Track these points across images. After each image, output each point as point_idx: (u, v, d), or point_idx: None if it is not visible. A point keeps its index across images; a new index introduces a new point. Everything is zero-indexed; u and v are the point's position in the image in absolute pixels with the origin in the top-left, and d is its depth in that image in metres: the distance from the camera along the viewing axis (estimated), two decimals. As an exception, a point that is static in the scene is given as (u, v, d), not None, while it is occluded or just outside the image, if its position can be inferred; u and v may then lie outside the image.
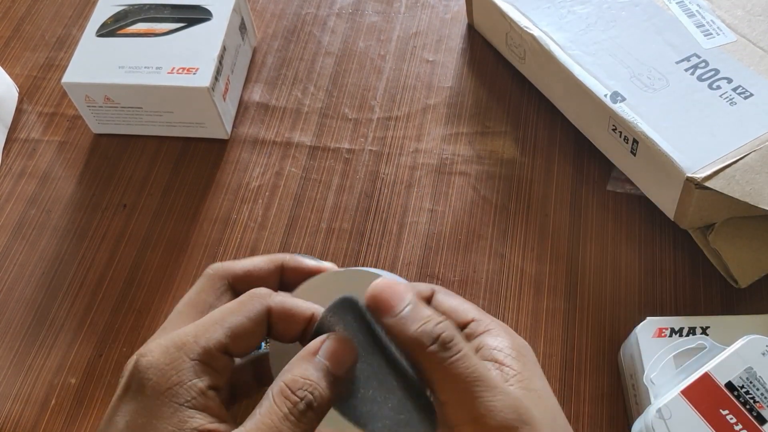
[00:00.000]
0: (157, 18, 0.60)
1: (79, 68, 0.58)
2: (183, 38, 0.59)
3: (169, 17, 0.60)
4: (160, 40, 0.59)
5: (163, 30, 0.59)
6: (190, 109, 0.58)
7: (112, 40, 0.59)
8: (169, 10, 0.61)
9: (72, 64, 0.58)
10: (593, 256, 0.54)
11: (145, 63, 0.57)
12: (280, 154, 0.60)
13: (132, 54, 0.58)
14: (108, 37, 0.59)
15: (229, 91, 0.60)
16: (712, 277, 0.52)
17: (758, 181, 0.46)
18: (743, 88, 0.51)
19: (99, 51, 0.58)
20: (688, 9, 0.56)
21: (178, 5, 0.61)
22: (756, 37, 0.54)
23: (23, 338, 0.52)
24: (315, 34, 0.67)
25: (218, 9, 0.60)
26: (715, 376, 0.42)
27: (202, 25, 0.59)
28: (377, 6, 0.68)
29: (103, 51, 0.58)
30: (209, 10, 0.60)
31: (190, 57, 0.57)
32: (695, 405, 0.41)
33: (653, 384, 0.44)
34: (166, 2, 0.61)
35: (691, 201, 0.47)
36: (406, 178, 0.58)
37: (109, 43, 0.59)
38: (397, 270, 0.53)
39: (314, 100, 0.63)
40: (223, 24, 0.59)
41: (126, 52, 0.58)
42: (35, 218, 0.57)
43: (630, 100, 0.51)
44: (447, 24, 0.67)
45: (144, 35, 0.59)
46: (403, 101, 0.62)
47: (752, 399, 0.41)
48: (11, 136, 0.61)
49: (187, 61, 0.57)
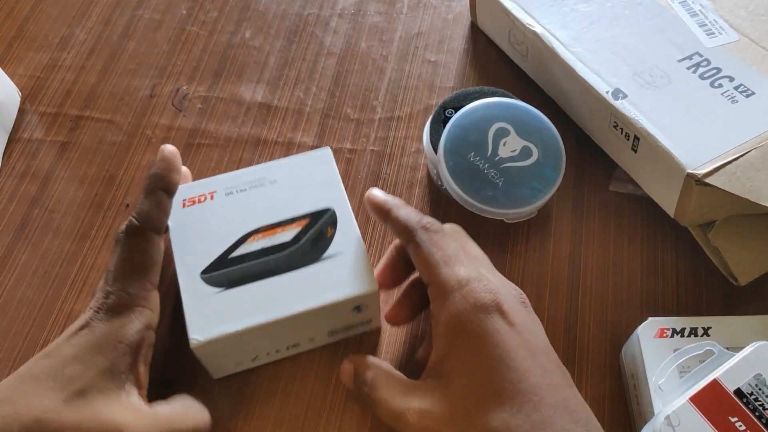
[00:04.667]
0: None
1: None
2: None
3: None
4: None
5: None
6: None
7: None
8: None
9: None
10: (595, 257, 0.54)
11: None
12: (282, 155, 0.60)
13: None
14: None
15: None
16: (714, 278, 0.52)
17: (759, 178, 0.45)
18: (745, 87, 0.50)
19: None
20: (690, 8, 0.56)
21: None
22: (758, 37, 0.53)
23: (25, 339, 0.52)
24: (317, 34, 0.67)
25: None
26: (723, 383, 0.42)
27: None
28: (379, 6, 0.68)
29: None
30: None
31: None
32: (704, 412, 0.41)
33: (661, 390, 0.44)
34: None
35: (692, 198, 0.47)
36: (408, 179, 0.58)
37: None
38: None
39: (316, 100, 0.63)
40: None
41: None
42: (38, 218, 0.57)
43: (632, 97, 0.51)
44: (449, 24, 0.67)
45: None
46: (405, 101, 0.62)
47: (761, 406, 0.41)
48: (14, 137, 0.61)
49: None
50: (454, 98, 0.55)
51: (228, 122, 0.62)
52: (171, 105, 0.63)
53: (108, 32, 0.68)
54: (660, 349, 0.45)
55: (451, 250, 0.42)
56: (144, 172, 0.59)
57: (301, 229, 0.46)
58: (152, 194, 0.45)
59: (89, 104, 0.63)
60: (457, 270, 0.41)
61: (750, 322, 0.46)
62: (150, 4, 0.70)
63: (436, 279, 0.41)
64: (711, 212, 0.48)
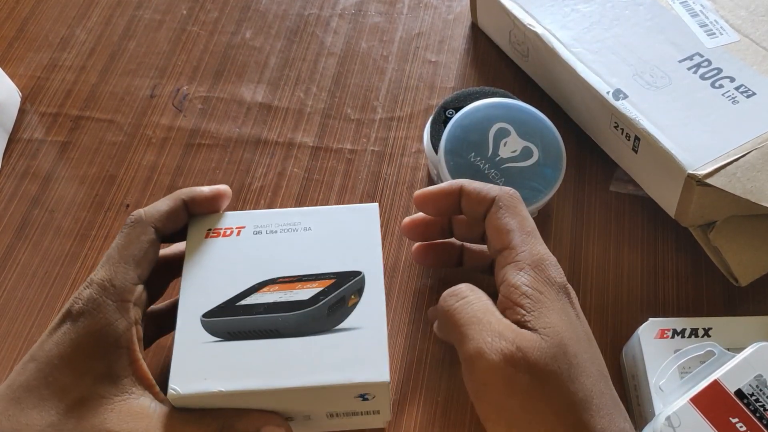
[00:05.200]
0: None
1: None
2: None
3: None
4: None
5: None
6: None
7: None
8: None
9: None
10: (595, 257, 0.54)
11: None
12: (283, 155, 0.60)
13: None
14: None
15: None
16: (715, 278, 0.52)
17: (760, 178, 0.45)
18: (746, 87, 0.50)
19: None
20: (691, 9, 0.56)
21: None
22: (759, 37, 0.53)
23: (25, 339, 0.52)
24: (318, 34, 0.67)
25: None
26: (724, 384, 0.42)
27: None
28: (380, 7, 0.68)
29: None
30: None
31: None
32: (704, 413, 0.41)
33: (662, 391, 0.44)
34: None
35: (692, 198, 0.47)
36: (408, 179, 0.58)
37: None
38: (399, 270, 0.53)
39: (317, 100, 0.63)
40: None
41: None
42: (38, 218, 0.57)
43: (632, 98, 0.51)
44: (449, 25, 0.67)
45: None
46: (406, 102, 0.62)
47: (762, 407, 0.41)
48: (14, 137, 0.61)
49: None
50: (454, 98, 0.55)
51: (228, 122, 0.62)
52: (171, 105, 0.63)
53: (108, 32, 0.68)
54: (660, 350, 0.45)
55: (530, 223, 0.42)
56: (144, 173, 0.59)
57: (322, 290, 0.41)
58: (171, 197, 0.44)
59: (89, 104, 0.63)
60: (534, 245, 0.40)
61: (751, 323, 0.46)
62: (150, 5, 0.70)
63: (512, 246, 0.40)
64: (711, 213, 0.48)
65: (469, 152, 0.51)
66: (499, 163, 0.51)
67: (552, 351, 0.36)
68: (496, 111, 0.52)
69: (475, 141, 0.51)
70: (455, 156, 0.51)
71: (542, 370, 0.36)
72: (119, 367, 0.39)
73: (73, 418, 0.37)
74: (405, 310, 0.52)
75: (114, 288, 0.40)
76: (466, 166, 0.51)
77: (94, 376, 0.38)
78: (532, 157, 0.51)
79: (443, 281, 0.53)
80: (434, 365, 0.50)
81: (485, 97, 0.54)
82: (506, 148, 0.51)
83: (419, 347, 0.51)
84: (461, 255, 0.49)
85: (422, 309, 0.52)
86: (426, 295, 0.52)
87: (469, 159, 0.51)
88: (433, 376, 0.49)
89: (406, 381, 0.49)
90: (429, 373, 0.50)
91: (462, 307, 0.39)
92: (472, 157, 0.51)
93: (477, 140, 0.51)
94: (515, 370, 0.35)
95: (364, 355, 0.39)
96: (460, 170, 0.51)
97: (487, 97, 0.54)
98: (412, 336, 0.51)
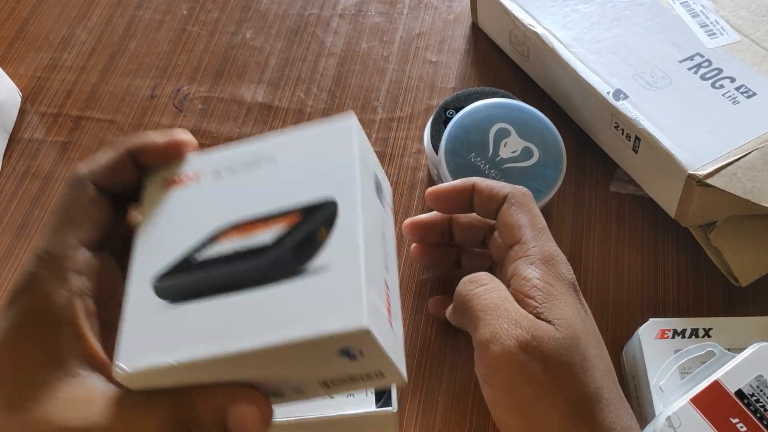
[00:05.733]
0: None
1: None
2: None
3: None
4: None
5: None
6: None
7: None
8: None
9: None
10: (596, 257, 0.54)
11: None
12: (283, 155, 0.60)
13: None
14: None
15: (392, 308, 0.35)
16: (715, 279, 0.52)
17: (760, 179, 0.45)
18: (746, 88, 0.50)
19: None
20: (692, 9, 0.56)
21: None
22: (760, 38, 0.53)
23: (25, 338, 0.52)
24: (318, 35, 0.67)
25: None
26: (725, 384, 0.42)
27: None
28: (380, 7, 0.68)
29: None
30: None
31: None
32: (705, 413, 0.41)
33: (662, 391, 0.44)
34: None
35: (693, 198, 0.47)
36: (408, 179, 0.58)
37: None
38: (400, 269, 0.53)
39: (317, 101, 0.63)
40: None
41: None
42: (38, 218, 0.57)
43: (632, 98, 0.51)
44: (450, 25, 0.67)
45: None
46: (406, 102, 0.62)
47: (762, 407, 0.41)
48: (14, 137, 0.61)
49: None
50: (454, 99, 0.55)
51: (229, 123, 0.62)
52: (172, 105, 0.63)
53: (109, 32, 0.68)
54: (661, 350, 0.45)
55: (541, 220, 0.42)
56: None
57: (287, 228, 0.33)
58: (114, 147, 0.36)
59: (90, 104, 0.63)
60: (545, 241, 0.41)
61: (751, 323, 0.46)
62: (151, 5, 0.70)
63: (524, 241, 0.41)
64: (712, 213, 0.48)
65: (470, 152, 0.51)
66: (499, 163, 0.51)
67: (567, 342, 0.36)
68: (497, 111, 0.52)
69: (475, 141, 0.51)
70: (456, 156, 0.51)
71: (556, 360, 0.36)
72: (63, 347, 0.32)
73: (12, 411, 0.31)
74: (406, 309, 0.52)
75: (49, 255, 0.33)
76: (467, 166, 0.51)
77: (35, 361, 0.32)
78: (533, 157, 0.51)
79: (443, 282, 0.53)
80: (434, 367, 0.50)
81: (485, 98, 0.54)
82: (506, 149, 0.51)
83: (419, 348, 0.51)
84: (460, 257, 0.50)
85: (422, 310, 0.52)
86: (426, 295, 0.52)
87: (469, 159, 0.51)
88: (434, 375, 0.49)
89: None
90: (430, 372, 0.50)
91: (481, 293, 0.39)
92: (473, 157, 0.51)
93: (477, 140, 0.51)
94: (529, 358, 0.36)
95: (336, 299, 0.30)
96: (461, 170, 0.51)
97: (487, 97, 0.54)
98: (411, 337, 0.51)
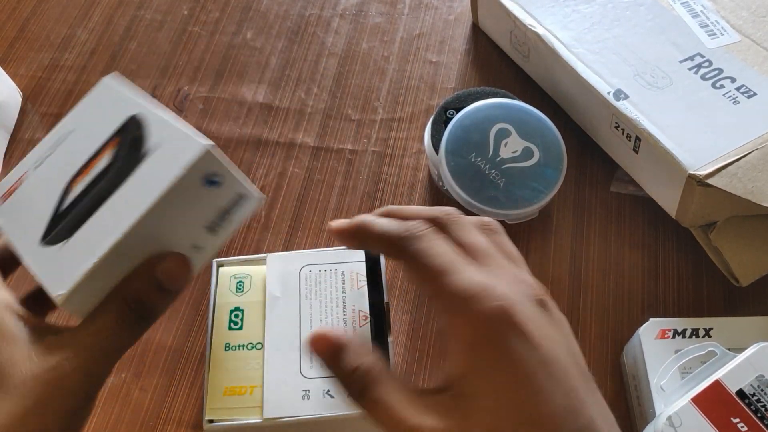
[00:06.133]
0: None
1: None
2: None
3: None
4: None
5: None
6: None
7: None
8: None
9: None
10: (596, 257, 0.54)
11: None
12: (284, 155, 0.60)
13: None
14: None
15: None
16: (715, 279, 0.52)
17: (760, 179, 0.45)
18: (747, 88, 0.50)
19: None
20: (692, 9, 0.56)
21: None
22: (760, 38, 0.53)
23: (26, 337, 0.52)
24: (318, 35, 0.67)
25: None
26: (726, 384, 0.42)
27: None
28: (381, 7, 0.68)
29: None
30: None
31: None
32: (706, 413, 0.41)
33: (663, 391, 0.44)
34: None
35: (693, 199, 0.47)
36: (408, 179, 0.58)
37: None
38: (400, 274, 0.53)
39: (318, 101, 0.63)
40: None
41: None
42: (39, 218, 0.57)
43: (633, 98, 0.51)
44: (450, 25, 0.67)
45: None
46: (407, 102, 0.62)
47: (763, 407, 0.41)
48: (15, 137, 0.62)
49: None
50: (455, 99, 0.55)
51: (229, 123, 0.62)
52: (172, 105, 0.63)
53: (109, 33, 0.68)
54: (661, 350, 0.45)
55: (449, 255, 0.35)
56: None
57: (115, 149, 0.41)
58: None
59: (90, 104, 0.63)
60: (460, 278, 0.34)
61: (752, 323, 0.46)
62: (151, 5, 0.70)
63: (439, 291, 0.34)
64: (712, 213, 0.48)
65: (470, 152, 0.51)
66: (499, 163, 0.51)
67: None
68: (497, 111, 0.52)
69: (475, 141, 0.51)
70: (456, 156, 0.51)
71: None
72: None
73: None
74: (405, 311, 0.52)
75: None
76: (467, 166, 0.51)
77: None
78: (533, 157, 0.51)
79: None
80: (435, 367, 0.50)
81: (486, 98, 0.54)
82: (507, 149, 0.51)
83: (420, 347, 0.51)
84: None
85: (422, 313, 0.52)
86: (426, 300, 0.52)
87: (469, 159, 0.51)
88: (434, 375, 0.49)
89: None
90: (430, 372, 0.50)
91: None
92: (473, 157, 0.51)
93: (478, 140, 0.51)
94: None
95: (177, 147, 0.38)
96: (461, 170, 0.51)
97: (487, 97, 0.54)
98: (411, 337, 0.51)
